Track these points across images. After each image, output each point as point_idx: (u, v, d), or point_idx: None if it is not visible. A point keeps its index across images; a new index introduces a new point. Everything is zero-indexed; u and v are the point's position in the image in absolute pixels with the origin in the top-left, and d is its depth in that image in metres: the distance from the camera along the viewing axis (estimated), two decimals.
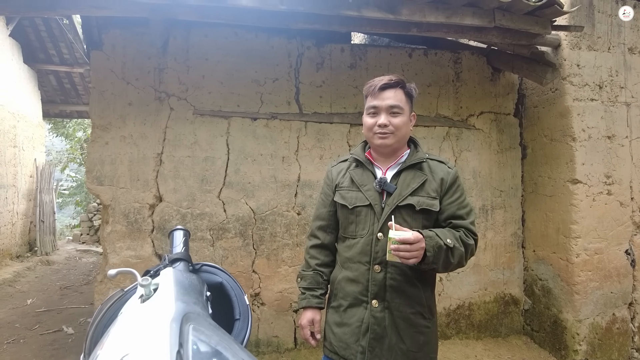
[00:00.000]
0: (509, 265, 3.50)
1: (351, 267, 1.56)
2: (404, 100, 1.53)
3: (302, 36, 3.14)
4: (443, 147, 3.36)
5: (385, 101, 1.50)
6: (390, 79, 1.52)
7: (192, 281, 0.85)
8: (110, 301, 0.88)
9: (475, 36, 2.75)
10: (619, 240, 3.11)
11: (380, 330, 1.48)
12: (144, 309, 0.68)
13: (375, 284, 1.50)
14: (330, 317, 1.62)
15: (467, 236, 1.49)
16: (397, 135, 1.51)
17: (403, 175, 1.54)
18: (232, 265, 3.01)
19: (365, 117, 1.57)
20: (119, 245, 2.83)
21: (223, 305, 0.94)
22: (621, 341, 3.13)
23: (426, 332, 1.54)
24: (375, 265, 1.50)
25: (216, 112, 3.00)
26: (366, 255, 1.52)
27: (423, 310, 1.53)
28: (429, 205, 1.50)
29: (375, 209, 1.51)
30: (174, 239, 1.10)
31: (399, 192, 1.50)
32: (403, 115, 1.52)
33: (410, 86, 1.56)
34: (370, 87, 1.54)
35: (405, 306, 1.50)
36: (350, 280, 1.55)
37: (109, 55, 2.85)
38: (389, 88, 1.51)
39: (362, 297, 1.52)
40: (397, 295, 1.50)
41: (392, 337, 1.49)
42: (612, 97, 3.10)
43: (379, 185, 1.51)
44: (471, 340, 3.36)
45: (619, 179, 3.10)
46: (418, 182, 1.52)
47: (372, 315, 1.49)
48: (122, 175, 2.84)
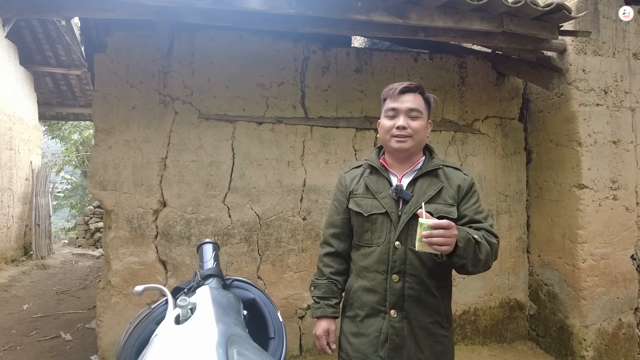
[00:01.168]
0: (514, 270, 3.48)
1: (368, 277, 1.53)
2: (422, 106, 1.52)
3: (307, 40, 3.12)
4: (449, 152, 3.34)
5: (404, 104, 1.49)
6: (410, 83, 1.52)
7: (230, 300, 0.81)
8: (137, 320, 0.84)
9: (481, 41, 2.74)
10: (624, 245, 3.10)
11: (399, 341, 1.46)
12: (182, 332, 0.65)
13: (394, 294, 1.47)
14: (346, 327, 1.59)
15: (489, 236, 1.46)
16: (415, 140, 1.50)
17: (419, 183, 1.52)
18: (237, 271, 2.97)
19: (383, 120, 1.55)
20: (122, 252, 2.78)
21: (256, 323, 0.90)
22: (627, 347, 3.12)
23: (444, 342, 1.52)
24: (393, 274, 1.47)
25: (221, 116, 2.96)
26: (383, 264, 1.49)
27: (441, 320, 1.52)
28: (447, 212, 1.47)
29: (392, 216, 1.49)
30: (203, 253, 1.07)
31: (416, 200, 1.47)
32: (422, 119, 1.51)
33: (429, 95, 1.57)
34: (390, 90, 1.54)
35: (423, 316, 1.48)
36: (367, 289, 1.52)
37: (113, 58, 2.81)
38: (409, 92, 1.51)
39: (380, 307, 1.49)
40: (416, 305, 1.47)
41: (411, 347, 1.46)
42: (617, 102, 3.11)
43: (395, 192, 1.49)
44: (477, 346, 3.34)
45: (625, 184, 3.10)
46: (435, 189, 1.50)
47: (390, 325, 1.47)
48: (125, 180, 2.79)
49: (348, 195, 1.63)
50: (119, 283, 2.78)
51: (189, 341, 0.61)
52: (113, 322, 2.77)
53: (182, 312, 0.70)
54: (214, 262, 1.02)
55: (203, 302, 0.74)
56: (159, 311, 0.84)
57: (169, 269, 2.87)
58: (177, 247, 2.87)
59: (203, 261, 1.04)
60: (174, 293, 0.89)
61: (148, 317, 0.83)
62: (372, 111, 3.19)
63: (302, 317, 3.08)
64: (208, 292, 0.79)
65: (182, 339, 0.62)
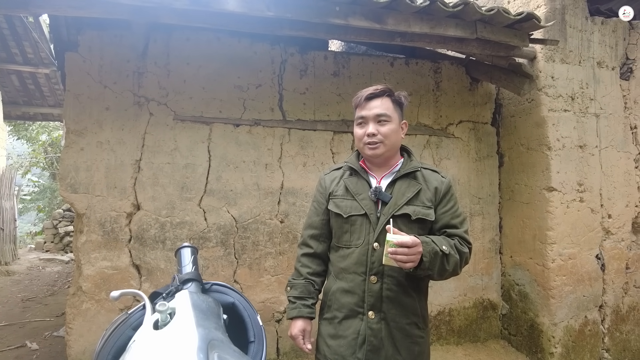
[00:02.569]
0: (487, 271, 3.57)
1: (346, 278, 1.54)
2: (391, 109, 1.53)
3: (285, 42, 3.12)
4: (424, 155, 3.40)
5: (371, 110, 1.51)
6: (375, 88, 1.54)
7: (209, 304, 0.80)
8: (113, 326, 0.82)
9: (456, 47, 2.81)
10: (590, 246, 3.23)
11: (377, 342, 1.47)
12: (161, 337, 0.64)
13: (372, 295, 1.48)
14: (324, 329, 1.59)
15: (461, 244, 1.50)
16: (387, 144, 1.52)
17: (398, 185, 1.54)
18: (212, 275, 2.93)
19: (355, 128, 1.58)
20: (94, 256, 2.71)
21: (236, 327, 0.90)
22: (593, 342, 3.24)
23: (421, 342, 1.54)
24: (372, 275, 1.49)
25: (197, 117, 2.92)
26: (362, 266, 1.50)
27: (418, 321, 1.54)
28: (425, 214, 1.51)
29: (370, 218, 1.50)
30: (182, 257, 1.05)
31: (395, 202, 1.50)
32: (391, 123, 1.52)
33: (400, 94, 1.57)
34: (358, 98, 1.56)
35: (401, 317, 1.50)
36: (346, 291, 1.53)
37: (85, 57, 2.73)
38: (375, 97, 1.53)
39: (358, 309, 1.50)
40: (394, 306, 1.49)
41: (389, 349, 1.48)
42: (583, 108, 3.24)
43: (375, 194, 1.51)
44: (451, 345, 3.41)
45: (590, 187, 3.23)
46: (413, 191, 1.52)
47: (368, 327, 1.48)
48: (98, 182, 2.72)
49: (327, 197, 1.64)
50: (90, 288, 2.70)
51: (168, 346, 0.60)
52: (84, 330, 2.68)
53: (161, 317, 0.69)
54: (192, 266, 1.01)
55: (182, 306, 0.73)
56: (136, 317, 0.82)
57: (143, 273, 2.80)
58: (151, 251, 2.81)
59: (181, 265, 1.03)
60: (152, 298, 0.87)
61: (125, 323, 0.81)
62: (350, 115, 3.21)
63: (279, 320, 3.07)
64: (187, 296, 0.78)
65: (162, 345, 0.61)
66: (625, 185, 3.34)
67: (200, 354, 0.56)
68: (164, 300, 0.80)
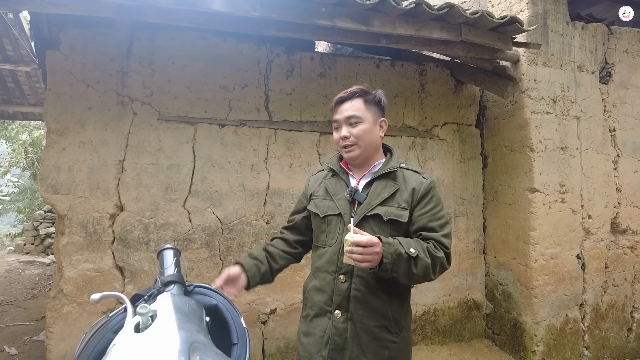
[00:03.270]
0: (471, 271, 3.61)
1: (319, 277, 1.56)
2: (362, 109, 1.53)
3: (271, 43, 3.11)
4: (409, 157, 3.43)
5: (342, 114, 1.53)
6: (345, 92, 1.55)
7: (192, 306, 0.79)
8: (94, 329, 0.80)
9: (441, 49, 2.84)
10: (571, 246, 3.29)
11: (341, 342, 1.46)
12: (142, 340, 0.63)
13: (339, 294, 1.49)
14: (300, 327, 1.63)
15: (436, 248, 1.44)
16: (361, 145, 1.52)
17: (375, 185, 1.54)
18: (197, 277, 2.91)
19: (334, 133, 1.60)
20: (75, 258, 2.65)
21: (219, 329, 0.89)
22: (573, 340, 3.31)
23: (392, 347, 1.49)
24: (341, 275, 1.49)
25: (182, 118, 2.90)
26: (333, 265, 1.52)
27: (389, 324, 1.49)
28: (397, 215, 1.47)
29: (344, 218, 1.51)
30: (164, 259, 1.03)
31: (368, 202, 1.50)
32: (363, 123, 1.52)
33: (375, 93, 1.57)
34: (332, 104, 1.59)
35: (368, 319, 1.47)
36: (317, 289, 1.55)
37: (67, 55, 2.68)
38: (345, 100, 1.54)
39: (327, 307, 1.51)
40: (361, 307, 1.47)
41: (354, 350, 1.46)
42: (564, 110, 3.30)
43: (350, 194, 1.52)
44: (436, 345, 3.43)
45: (571, 188, 3.29)
46: (389, 192, 1.51)
47: (333, 325, 1.48)
48: (80, 183, 2.67)
49: (309, 197, 1.68)
50: (72, 291, 2.64)
51: (149, 349, 0.60)
52: (65, 333, 2.63)
53: (142, 320, 0.68)
54: (175, 268, 0.99)
55: (164, 309, 0.72)
56: (117, 319, 0.81)
57: (126, 275, 2.76)
58: (135, 252, 2.77)
59: (163, 267, 1.01)
60: (133, 301, 0.85)
61: (105, 326, 0.80)
62: None
63: (264, 322, 3.06)
64: (169, 298, 0.77)
65: (143, 348, 0.61)
66: (604, 186, 3.41)
67: (182, 356, 0.56)
68: (146, 302, 0.78)
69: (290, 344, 3.10)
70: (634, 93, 3.56)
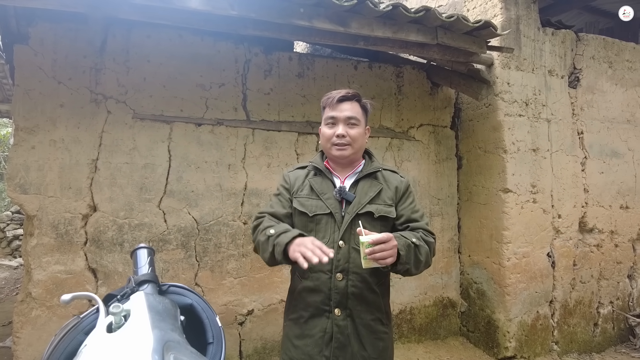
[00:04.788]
0: (446, 270, 3.68)
1: (311, 277, 1.55)
2: (360, 113, 1.60)
3: (249, 42, 3.09)
4: (386, 157, 3.47)
5: (343, 112, 1.56)
6: (347, 92, 1.59)
7: (166, 305, 0.78)
8: (64, 331, 0.78)
9: (418, 52, 2.88)
10: (542, 244, 3.40)
11: (343, 339, 1.49)
12: (115, 340, 0.62)
13: (338, 292, 1.50)
14: (289, 331, 1.60)
15: (426, 235, 1.56)
16: (354, 147, 1.57)
17: (361, 184, 1.59)
18: (173, 278, 2.86)
19: (324, 128, 1.60)
20: (45, 260, 2.57)
21: (194, 329, 0.88)
22: (543, 336, 3.41)
23: (385, 338, 1.58)
24: (338, 273, 1.51)
25: (157, 116, 2.85)
26: (327, 264, 1.51)
27: (382, 317, 1.58)
28: (387, 212, 1.56)
29: (335, 217, 1.53)
30: (137, 258, 1.02)
31: (358, 201, 1.54)
32: (359, 127, 1.58)
33: (366, 101, 1.64)
34: (329, 99, 1.59)
35: (366, 313, 1.53)
36: (311, 290, 1.54)
37: (37, 50, 2.60)
38: (347, 100, 1.58)
39: (324, 307, 1.52)
40: (359, 303, 1.52)
41: (355, 345, 1.50)
42: (536, 113, 3.41)
43: (339, 193, 1.55)
44: (413, 343, 3.48)
45: (542, 188, 3.40)
46: (375, 190, 1.58)
47: (335, 324, 1.50)
48: (51, 182, 2.59)
49: (292, 193, 1.65)
50: (41, 294, 2.56)
51: (122, 349, 0.59)
52: (33, 338, 2.54)
53: (114, 320, 0.67)
54: (149, 268, 0.98)
55: (137, 308, 0.71)
56: (88, 320, 0.79)
57: (99, 277, 2.69)
58: (108, 254, 2.70)
59: (137, 267, 1.00)
60: (106, 301, 0.84)
61: (76, 328, 0.78)
62: (314, 116, 3.23)
63: (242, 323, 3.03)
64: (143, 298, 0.76)
65: (115, 348, 0.60)
66: (573, 187, 3.53)
67: (156, 355, 0.55)
68: (119, 302, 0.77)
69: (267, 345, 3.09)
70: (600, 98, 3.70)
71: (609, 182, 3.72)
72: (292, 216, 1.63)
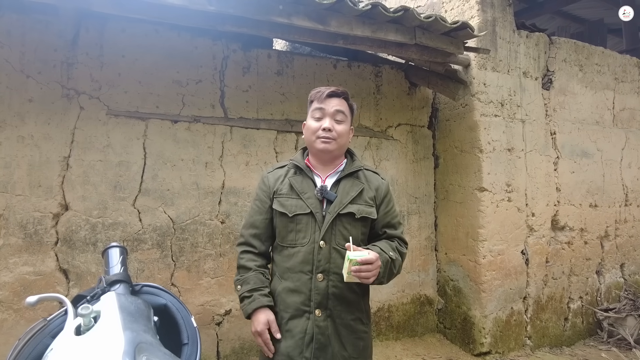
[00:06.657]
0: (424, 267, 3.72)
1: (292, 278, 1.54)
2: (347, 111, 1.61)
3: (227, 39, 3.05)
4: (364, 156, 3.48)
5: (332, 107, 1.56)
6: (337, 88, 1.60)
7: (138, 306, 0.76)
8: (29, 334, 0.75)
9: (396, 51, 2.90)
10: (516, 242, 3.48)
11: (324, 340, 1.49)
12: (83, 343, 0.59)
13: (319, 293, 1.50)
14: None
15: (401, 245, 1.60)
16: (339, 143, 1.56)
17: (342, 184, 1.58)
18: (148, 278, 2.79)
19: (310, 121, 1.59)
20: (12, 261, 2.47)
21: (168, 329, 0.85)
22: (517, 331, 3.49)
23: (365, 337, 1.58)
24: (318, 274, 1.50)
25: (132, 113, 2.77)
26: (308, 265, 1.51)
27: (362, 316, 1.58)
28: (368, 213, 1.56)
29: (316, 217, 1.52)
30: (109, 257, 0.98)
31: (340, 200, 1.53)
32: (345, 123, 1.59)
33: (352, 102, 1.66)
34: (318, 93, 1.59)
35: (346, 313, 1.53)
36: (292, 290, 1.53)
37: (4, 42, 2.49)
38: (336, 96, 1.58)
39: (305, 307, 1.51)
40: (339, 303, 1.52)
41: (335, 345, 1.50)
42: (511, 114, 3.48)
43: (320, 193, 1.53)
44: (391, 341, 3.51)
45: (517, 187, 3.48)
46: (357, 190, 1.57)
47: (315, 325, 1.49)
48: (19, 180, 2.49)
49: (272, 196, 1.62)
50: (8, 297, 2.46)
51: (91, 352, 0.56)
52: None
53: (83, 322, 0.64)
54: (121, 267, 0.95)
55: (108, 309, 0.68)
56: (56, 323, 0.76)
57: (71, 278, 2.61)
58: (81, 254, 2.62)
59: (109, 266, 0.96)
60: (75, 302, 0.81)
61: (42, 331, 0.75)
62: (294, 114, 3.21)
63: (219, 323, 2.99)
64: (114, 298, 0.73)
65: (84, 351, 0.57)
66: (546, 186, 3.63)
67: (127, 357, 0.53)
68: (89, 303, 0.74)
69: (245, 345, 3.05)
70: (571, 99, 3.82)
71: (580, 182, 3.84)
72: (273, 219, 1.62)
